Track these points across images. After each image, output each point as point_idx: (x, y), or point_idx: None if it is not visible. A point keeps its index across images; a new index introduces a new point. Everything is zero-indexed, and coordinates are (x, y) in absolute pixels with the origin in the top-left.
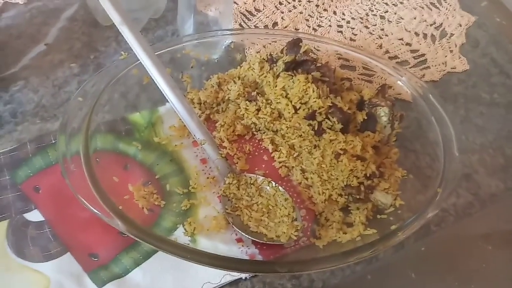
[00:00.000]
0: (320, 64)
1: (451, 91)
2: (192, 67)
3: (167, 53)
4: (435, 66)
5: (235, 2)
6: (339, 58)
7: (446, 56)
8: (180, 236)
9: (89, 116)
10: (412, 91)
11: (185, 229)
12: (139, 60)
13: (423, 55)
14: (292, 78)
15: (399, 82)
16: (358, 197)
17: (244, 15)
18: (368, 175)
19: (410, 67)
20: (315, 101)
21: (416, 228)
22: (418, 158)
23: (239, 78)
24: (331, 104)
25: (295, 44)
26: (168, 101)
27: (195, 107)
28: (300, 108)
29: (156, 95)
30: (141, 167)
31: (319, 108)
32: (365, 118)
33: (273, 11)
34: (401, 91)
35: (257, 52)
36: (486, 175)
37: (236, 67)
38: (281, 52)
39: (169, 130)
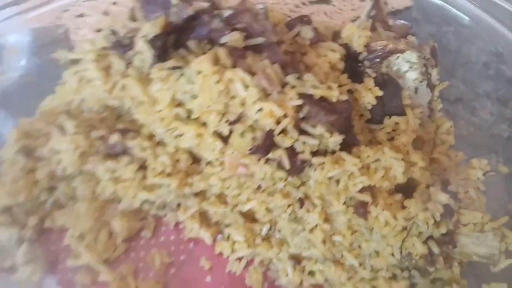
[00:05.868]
0: (230, 12)
1: None
2: None
3: None
4: None
5: None
6: None
7: None
8: None
9: None
10: None
11: None
12: None
13: None
14: (182, 73)
15: None
16: (432, 269)
17: None
18: (438, 217)
19: None
20: (260, 109)
21: None
22: (475, 112)
23: (68, 114)
24: (301, 103)
25: None
26: None
27: None
28: (231, 132)
29: None
30: None
31: (277, 122)
32: (377, 93)
33: None
34: None
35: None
36: None
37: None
38: (131, 17)
39: None
